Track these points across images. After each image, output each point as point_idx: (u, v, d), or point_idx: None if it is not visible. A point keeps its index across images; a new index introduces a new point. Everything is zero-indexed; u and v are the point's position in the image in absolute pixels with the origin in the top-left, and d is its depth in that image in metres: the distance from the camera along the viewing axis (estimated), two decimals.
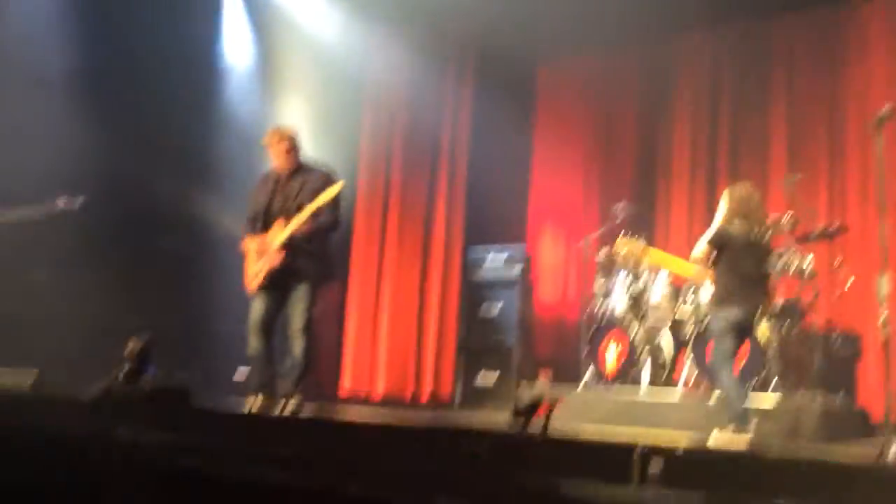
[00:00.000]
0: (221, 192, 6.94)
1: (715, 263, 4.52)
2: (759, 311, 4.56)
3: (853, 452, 4.53)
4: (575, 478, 3.08)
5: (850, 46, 6.89)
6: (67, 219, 5.87)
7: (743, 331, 4.53)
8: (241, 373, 5.93)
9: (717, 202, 7.26)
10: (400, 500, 2.16)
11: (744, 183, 4.91)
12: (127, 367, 4.43)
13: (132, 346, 4.48)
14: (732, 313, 4.44)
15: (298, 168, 4.95)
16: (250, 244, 4.89)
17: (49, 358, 5.38)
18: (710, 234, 4.59)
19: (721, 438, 4.24)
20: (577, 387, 6.01)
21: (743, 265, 4.47)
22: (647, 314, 6.11)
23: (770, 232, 4.72)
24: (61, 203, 5.77)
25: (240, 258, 5.03)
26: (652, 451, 3.23)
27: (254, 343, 4.84)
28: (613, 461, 3.22)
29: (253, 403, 4.72)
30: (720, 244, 4.50)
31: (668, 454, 3.18)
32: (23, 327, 5.76)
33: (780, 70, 7.24)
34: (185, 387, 4.61)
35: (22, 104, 6.28)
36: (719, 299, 4.54)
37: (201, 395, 5.08)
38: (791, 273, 5.70)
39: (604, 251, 6.41)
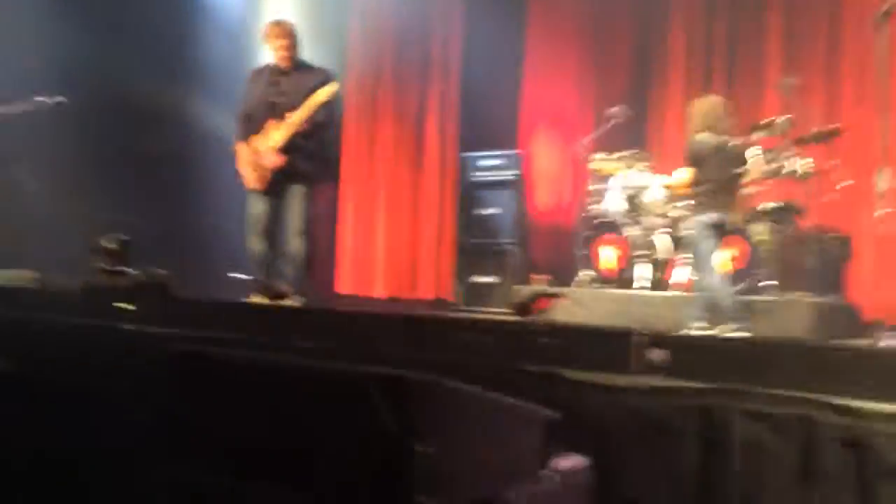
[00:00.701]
0: (208, 89, 6.76)
1: (694, 177, 4.86)
2: (734, 211, 4.86)
3: (848, 345, 4.64)
4: (576, 366, 3.13)
5: None
6: (49, 118, 5.75)
7: (720, 232, 4.84)
8: (236, 272, 5.93)
9: None
10: (406, 381, 2.17)
11: (708, 96, 5.17)
12: (107, 263, 4.42)
13: (111, 243, 4.47)
14: (709, 217, 4.77)
15: (296, 66, 4.82)
16: (245, 143, 4.81)
17: (42, 258, 5.35)
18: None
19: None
20: (574, 287, 6.07)
21: (715, 172, 4.76)
22: (642, 216, 6.13)
23: (740, 139, 4.94)
24: (40, 101, 5.64)
25: (228, 157, 4.95)
26: (652, 339, 3.28)
27: (255, 244, 4.82)
28: (614, 349, 3.27)
29: (253, 301, 4.73)
30: (694, 159, 4.82)
31: (667, 342, 3.23)
32: (15, 228, 5.71)
33: None
34: (165, 281, 4.57)
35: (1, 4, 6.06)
36: (697, 205, 4.90)
37: (193, 291, 5.09)
38: (786, 175, 5.72)
39: (599, 155, 6.38)
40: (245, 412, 2.39)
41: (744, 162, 4.92)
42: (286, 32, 4.80)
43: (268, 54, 4.86)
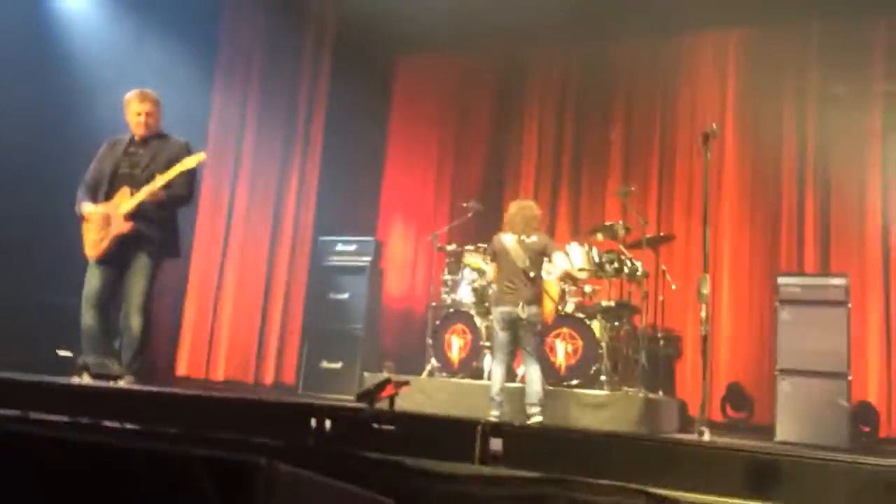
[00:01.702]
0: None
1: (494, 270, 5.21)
2: (524, 304, 5.01)
3: (674, 438, 4.91)
4: (418, 454, 3.14)
5: (681, 72, 7.51)
6: None
7: (512, 324, 5.06)
8: (66, 349, 5.52)
9: (561, 206, 7.78)
10: (242, 464, 2.10)
11: (519, 200, 5.57)
12: None
13: None
14: (502, 309, 5.05)
15: (154, 136, 4.73)
16: (91, 210, 4.60)
17: None
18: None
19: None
20: (421, 376, 6.09)
21: (509, 268, 5.05)
22: (490, 308, 6.30)
23: (537, 238, 5.15)
24: None
25: (60, 226, 4.72)
26: (493, 430, 3.35)
27: (88, 317, 4.54)
28: (457, 438, 3.32)
29: (81, 381, 4.43)
30: (493, 254, 5.20)
31: (505, 432, 3.31)
32: None
33: (619, 91, 7.77)
34: None
35: None
36: (495, 298, 5.19)
37: (21, 370, 4.72)
38: (621, 276, 6.10)
39: (452, 247, 6.56)
40: (60, 497, 2.22)
41: (542, 259, 5.12)
42: (149, 100, 4.72)
43: (129, 121, 4.73)
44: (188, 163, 4.51)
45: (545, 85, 8.07)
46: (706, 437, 3.74)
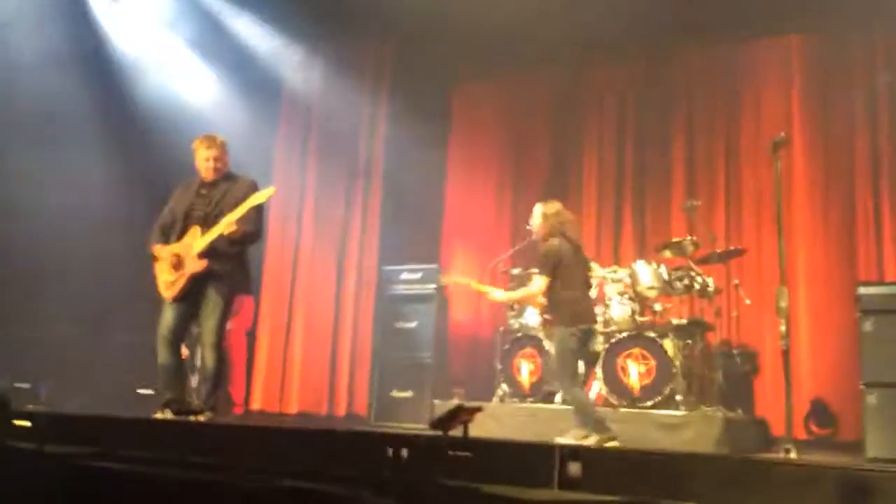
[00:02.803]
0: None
1: (551, 285, 4.53)
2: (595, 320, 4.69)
3: (760, 457, 4.75)
4: (495, 480, 3.11)
5: (744, 80, 7.35)
6: None
7: (588, 340, 4.65)
8: (145, 387, 5.70)
9: (625, 224, 7.65)
10: (326, 495, 2.12)
11: (551, 201, 4.97)
12: None
13: None
14: (587, 327, 4.60)
15: (223, 177, 4.86)
16: (163, 251, 4.74)
17: None
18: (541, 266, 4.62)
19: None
20: (492, 402, 6.04)
21: (578, 277, 4.61)
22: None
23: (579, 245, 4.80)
24: None
25: (138, 268, 4.87)
26: (571, 453, 3.29)
27: (163, 355, 4.66)
28: (533, 464, 3.27)
29: (162, 417, 4.54)
30: (556, 264, 4.53)
31: (583, 456, 3.25)
32: None
33: (680, 103, 7.64)
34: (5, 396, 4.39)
35: None
36: (573, 315, 4.54)
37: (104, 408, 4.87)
38: (692, 293, 5.96)
39: (518, 270, 6.53)
40: None
41: (590, 269, 4.85)
42: (216, 145, 4.84)
43: (198, 165, 4.88)
44: (259, 197, 4.61)
45: (603, 103, 7.99)
46: (792, 455, 3.60)
